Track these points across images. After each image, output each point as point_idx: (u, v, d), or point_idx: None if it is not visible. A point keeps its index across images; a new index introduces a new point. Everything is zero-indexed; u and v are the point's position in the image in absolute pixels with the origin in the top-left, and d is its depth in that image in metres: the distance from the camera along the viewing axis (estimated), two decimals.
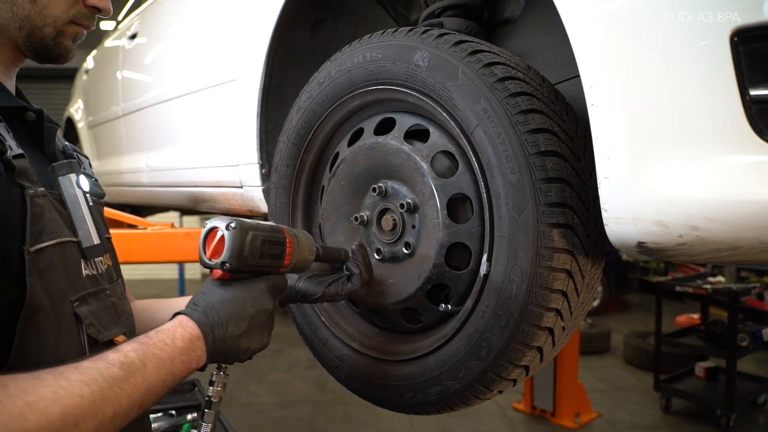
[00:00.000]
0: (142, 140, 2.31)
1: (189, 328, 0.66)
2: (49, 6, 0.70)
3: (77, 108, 3.39)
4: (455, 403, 0.92)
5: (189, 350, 0.65)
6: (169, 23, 2.06)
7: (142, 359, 0.59)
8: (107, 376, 0.55)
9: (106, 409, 0.54)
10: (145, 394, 0.58)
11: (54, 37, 0.72)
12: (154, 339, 0.63)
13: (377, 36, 1.03)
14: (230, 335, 0.69)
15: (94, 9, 0.75)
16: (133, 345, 0.61)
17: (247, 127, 1.44)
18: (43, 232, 0.62)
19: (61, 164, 0.72)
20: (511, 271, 0.81)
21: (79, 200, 0.71)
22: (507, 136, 0.81)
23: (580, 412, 4.09)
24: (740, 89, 0.61)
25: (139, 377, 0.58)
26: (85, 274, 0.69)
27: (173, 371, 0.62)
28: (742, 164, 0.62)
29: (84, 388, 0.53)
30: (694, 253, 0.68)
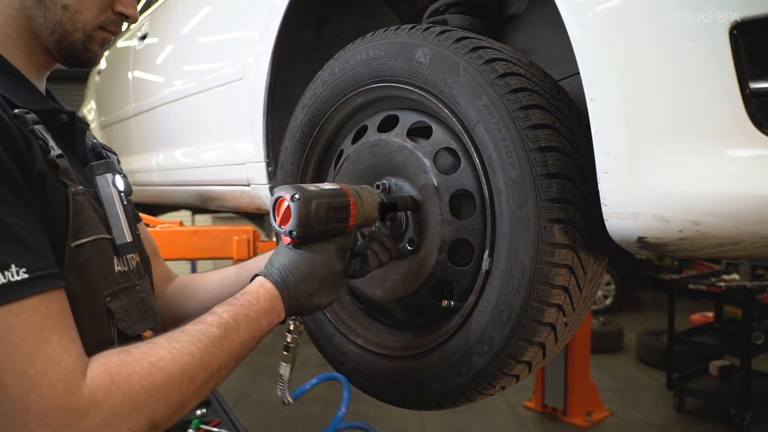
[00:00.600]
0: (153, 140, 2.34)
1: (269, 288, 0.74)
2: (79, 12, 0.74)
3: (90, 108, 3.44)
4: (458, 398, 0.92)
5: (271, 308, 0.73)
6: (177, 23, 2.09)
7: (235, 319, 0.67)
8: (209, 336, 0.64)
9: (212, 363, 0.63)
10: (240, 348, 0.67)
11: (83, 42, 0.76)
12: (241, 300, 0.71)
13: (380, 34, 1.03)
14: (303, 293, 0.76)
15: (121, 16, 0.79)
16: (226, 307, 0.69)
17: (254, 126, 1.45)
18: (83, 228, 0.66)
19: (99, 164, 0.76)
20: (513, 266, 0.81)
21: (114, 199, 0.75)
22: (508, 132, 0.81)
23: (591, 411, 4.06)
24: (740, 82, 0.60)
25: (234, 334, 0.66)
26: (117, 270, 0.73)
27: (260, 327, 0.71)
28: (742, 158, 0.61)
29: (192, 348, 0.61)
30: (696, 248, 0.68)
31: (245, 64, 1.50)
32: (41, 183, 0.62)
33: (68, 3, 0.72)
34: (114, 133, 2.92)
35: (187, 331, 0.64)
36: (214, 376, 0.64)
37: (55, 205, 0.63)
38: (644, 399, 4.50)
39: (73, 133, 0.77)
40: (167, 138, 2.18)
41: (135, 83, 2.52)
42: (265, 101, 1.39)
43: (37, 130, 0.65)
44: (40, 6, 0.72)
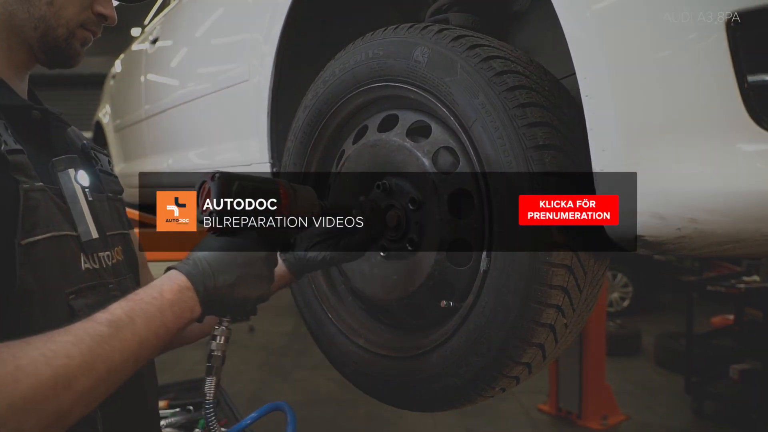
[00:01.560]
0: (164, 142, 2.36)
1: (178, 280, 0.67)
2: (63, 8, 0.75)
3: (105, 112, 3.50)
4: (458, 400, 0.91)
5: (179, 301, 0.66)
6: (187, 26, 2.11)
7: (129, 315, 0.60)
8: (94, 335, 0.57)
9: (98, 366, 0.56)
10: (138, 348, 0.60)
11: (66, 38, 0.77)
12: (141, 295, 0.64)
13: (379, 33, 1.03)
14: (222, 284, 0.69)
15: (100, 16, 0.80)
16: (121, 303, 0.62)
17: (259, 127, 1.46)
18: (38, 225, 0.64)
19: (59, 159, 0.74)
20: (510, 266, 0.80)
21: (78, 195, 0.73)
22: (505, 130, 0.80)
23: (607, 414, 4.00)
24: (737, 76, 0.59)
25: (128, 332, 0.59)
26: (84, 267, 0.71)
27: (165, 323, 0.63)
28: (741, 153, 0.60)
29: (72, 349, 0.54)
30: (695, 246, 0.66)
31: (250, 65, 1.50)
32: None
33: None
34: (128, 135, 2.96)
35: (70, 329, 0.57)
36: (103, 380, 0.56)
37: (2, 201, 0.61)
38: (662, 403, 4.41)
39: (47, 131, 0.77)
40: (177, 140, 2.20)
41: (147, 86, 2.55)
42: (268, 103, 1.40)
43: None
44: (23, 2, 0.73)
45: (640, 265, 7.22)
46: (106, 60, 4.33)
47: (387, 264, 1.02)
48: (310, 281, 1.18)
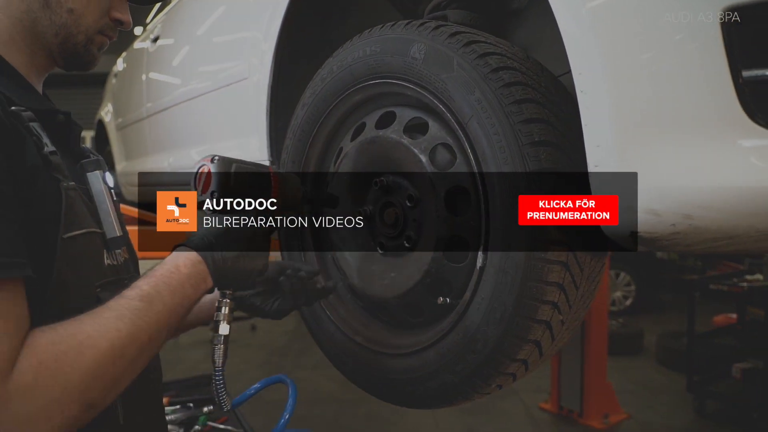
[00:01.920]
0: (165, 140, 2.37)
1: (188, 255, 0.74)
2: (83, 16, 0.78)
3: (107, 111, 3.50)
4: (454, 397, 0.91)
5: (194, 274, 0.72)
6: (187, 24, 2.11)
7: (156, 289, 0.67)
8: (132, 309, 0.63)
9: (141, 336, 0.63)
10: (168, 318, 0.67)
11: (85, 44, 0.79)
12: (160, 271, 0.71)
13: (376, 30, 1.03)
14: (227, 257, 0.76)
15: (117, 22, 0.83)
16: (145, 279, 0.69)
17: (258, 125, 1.46)
18: (75, 221, 0.69)
19: (90, 161, 0.79)
20: (506, 263, 0.80)
21: (105, 195, 0.78)
22: (501, 127, 0.80)
23: (608, 413, 3.99)
24: (732, 71, 0.58)
25: (159, 304, 0.66)
26: (107, 263, 0.76)
27: (185, 294, 0.70)
28: (735, 149, 0.60)
29: (118, 322, 0.61)
30: (690, 242, 0.66)
31: (250, 63, 1.51)
32: (33, 177, 0.64)
33: (73, 7, 0.76)
34: (130, 134, 2.97)
35: (110, 306, 0.63)
36: (146, 349, 0.64)
37: (47, 198, 0.65)
38: (663, 402, 4.41)
39: (68, 133, 0.80)
40: (178, 138, 2.21)
41: (148, 84, 2.56)
42: (267, 100, 1.40)
43: (32, 127, 0.68)
44: (46, 9, 0.75)
45: (643, 263, 7.20)
46: (109, 59, 4.33)
47: (385, 261, 1.02)
48: None
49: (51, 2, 0.75)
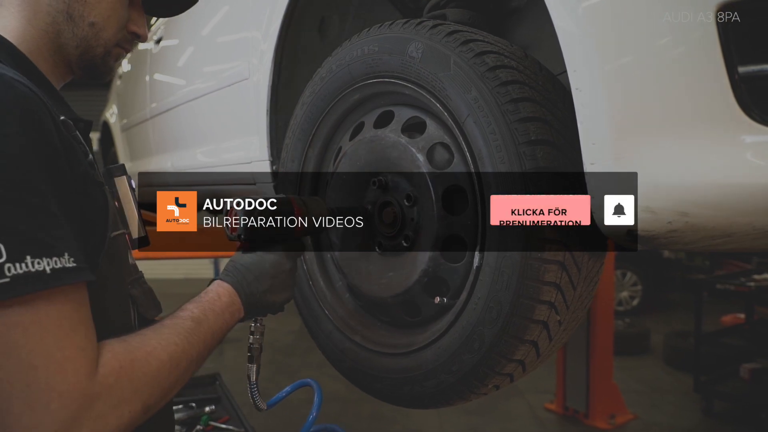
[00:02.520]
0: (168, 141, 2.38)
1: (226, 287, 0.81)
2: (103, 29, 0.80)
3: (112, 112, 3.52)
4: (451, 397, 0.91)
5: (231, 304, 0.79)
6: (189, 25, 2.12)
7: (204, 313, 0.75)
8: (186, 328, 0.71)
9: (191, 351, 0.70)
10: (211, 339, 0.74)
11: (103, 57, 0.82)
12: (206, 297, 0.78)
13: (375, 29, 1.03)
14: (257, 291, 0.83)
15: (134, 35, 0.85)
16: (194, 304, 0.76)
17: (259, 125, 1.46)
18: (114, 222, 0.74)
19: (117, 167, 0.85)
20: (502, 262, 0.80)
21: (132, 198, 0.84)
22: (497, 126, 0.80)
23: (614, 414, 3.97)
24: (728, 67, 0.58)
25: (206, 326, 0.73)
26: (131, 262, 0.82)
27: (225, 321, 0.77)
28: (731, 146, 0.59)
29: (175, 338, 0.68)
30: (687, 240, 0.66)
31: (250, 64, 1.51)
32: (84, 183, 0.67)
33: (95, 21, 0.78)
34: (134, 135, 2.98)
35: (167, 324, 0.70)
36: (193, 363, 0.70)
37: (97, 202, 0.70)
38: (670, 402, 4.38)
39: (89, 140, 0.83)
40: (181, 139, 2.21)
41: (152, 85, 2.57)
42: (268, 100, 1.40)
43: (78, 135, 0.72)
44: (70, 22, 0.77)
45: (650, 263, 7.16)
46: None
47: (383, 260, 1.02)
48: (308, 278, 1.18)
49: (74, 15, 0.77)
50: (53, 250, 0.57)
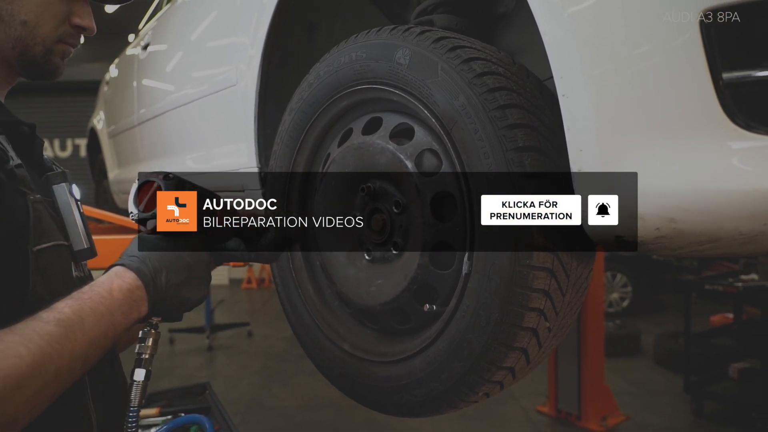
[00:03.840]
0: (156, 148, 2.36)
1: (127, 278, 0.67)
2: (38, 27, 0.75)
3: (99, 119, 3.49)
4: (441, 405, 0.90)
5: (129, 301, 0.65)
6: (177, 31, 2.11)
7: (79, 314, 0.59)
8: (43, 334, 0.55)
9: (47, 366, 0.54)
10: (87, 348, 0.59)
11: (44, 55, 0.77)
12: (89, 293, 0.63)
13: (362, 35, 1.02)
14: (171, 284, 0.69)
15: (78, 28, 0.79)
16: (68, 302, 0.61)
17: (247, 131, 1.45)
18: (43, 234, 0.68)
19: (55, 174, 0.78)
20: (491, 269, 0.79)
21: (72, 207, 0.77)
22: (484, 132, 0.80)
23: (607, 416, 3.98)
24: (712, 73, 0.58)
25: (78, 332, 0.58)
26: (75, 275, 0.75)
27: (113, 323, 0.63)
28: (717, 152, 0.59)
29: (21, 349, 0.53)
30: (675, 246, 0.66)
31: (238, 69, 1.50)
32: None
33: (26, 19, 0.74)
34: (122, 141, 2.96)
35: (16, 329, 0.55)
36: (51, 382, 0.55)
37: (14, 212, 0.65)
38: (662, 403, 4.40)
39: (32, 146, 0.79)
40: (168, 146, 2.20)
41: (139, 91, 2.55)
42: (255, 106, 1.39)
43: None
44: (0, 23, 0.73)
45: (640, 265, 7.21)
46: (102, 66, 4.32)
47: (372, 268, 1.01)
48: (297, 285, 1.17)
49: (3, 16, 0.73)
50: None
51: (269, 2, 1.30)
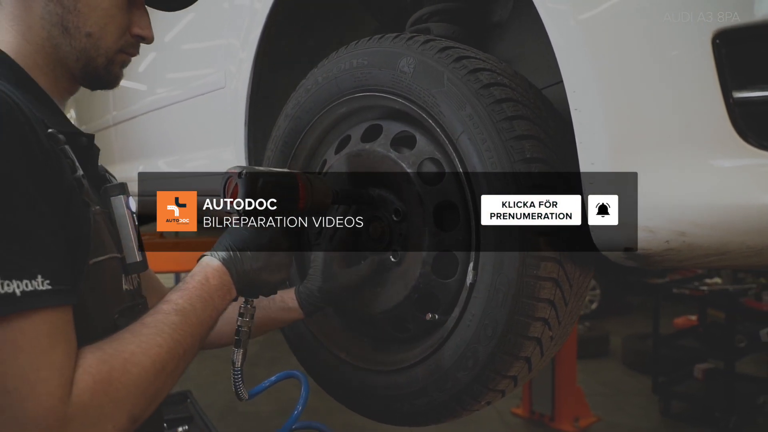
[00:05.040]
0: (133, 149, 2.30)
1: (215, 267, 0.76)
2: (102, 39, 0.75)
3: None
4: (443, 414, 0.90)
5: (221, 285, 0.75)
6: (160, 29, 2.05)
7: (190, 302, 0.70)
8: (170, 324, 0.66)
9: (178, 349, 0.65)
10: (201, 330, 0.70)
11: (106, 66, 0.78)
12: (192, 283, 0.73)
13: (363, 42, 1.02)
14: (251, 268, 0.78)
15: (139, 38, 0.80)
16: (179, 293, 0.71)
17: (236, 135, 1.43)
18: (100, 247, 0.69)
19: (114, 186, 0.79)
20: (498, 279, 0.80)
21: (127, 220, 0.78)
22: (492, 143, 0.80)
23: (579, 417, 4.06)
24: (723, 92, 0.60)
25: (193, 317, 0.69)
26: (125, 288, 0.76)
27: (215, 306, 0.73)
28: (728, 168, 0.61)
29: (158, 338, 0.64)
30: (682, 258, 0.67)
31: (227, 72, 1.47)
32: (68, 200, 0.64)
33: (91, 31, 0.74)
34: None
35: (147, 323, 0.65)
36: (182, 361, 0.67)
37: (79, 222, 0.65)
38: (631, 403, 4.51)
39: (89, 156, 0.79)
40: (148, 148, 2.14)
41: (115, 92, 2.48)
42: (246, 110, 1.37)
43: (67, 149, 0.67)
44: (66, 35, 0.74)
45: (608, 268, 7.37)
46: None
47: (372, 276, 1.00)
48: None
49: (70, 28, 0.73)
50: (24, 272, 0.54)
51: (262, 6, 1.29)
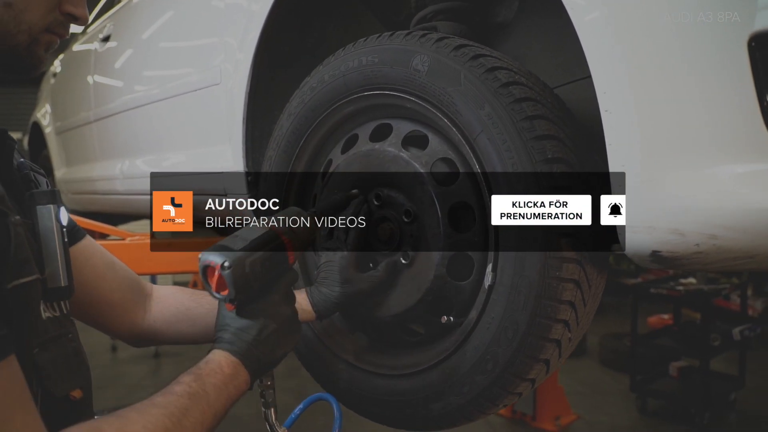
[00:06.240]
0: (116, 146, 2.23)
1: (227, 357, 0.70)
2: (25, 11, 0.62)
3: (44, 113, 3.27)
4: (457, 419, 0.89)
5: (236, 375, 0.69)
6: (145, 25, 1.99)
7: (203, 388, 0.64)
8: (180, 407, 0.60)
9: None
10: (212, 419, 0.64)
11: (27, 46, 0.65)
12: (206, 369, 0.67)
13: (373, 39, 1.00)
14: (264, 354, 0.72)
15: (70, 16, 0.68)
16: (192, 377, 0.65)
17: (232, 134, 1.39)
18: (24, 266, 0.57)
19: (43, 192, 0.67)
20: (519, 282, 0.79)
21: (56, 235, 0.66)
22: (513, 143, 0.79)
23: (560, 415, 4.10)
24: (759, 95, 0.60)
25: (204, 404, 0.63)
26: (45, 316, 0.63)
27: (229, 395, 0.67)
28: (761, 171, 0.61)
29: (165, 421, 0.58)
30: (709, 261, 0.67)
31: (222, 69, 1.43)
32: None
33: (11, 1, 0.61)
34: (72, 138, 2.78)
35: (157, 403, 0.60)
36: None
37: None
38: (610, 402, 4.59)
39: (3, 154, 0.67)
40: (133, 145, 2.08)
41: (96, 87, 2.40)
42: (244, 109, 1.33)
43: None
44: None
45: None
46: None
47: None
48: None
49: None
50: None
51: (262, 4, 1.25)
